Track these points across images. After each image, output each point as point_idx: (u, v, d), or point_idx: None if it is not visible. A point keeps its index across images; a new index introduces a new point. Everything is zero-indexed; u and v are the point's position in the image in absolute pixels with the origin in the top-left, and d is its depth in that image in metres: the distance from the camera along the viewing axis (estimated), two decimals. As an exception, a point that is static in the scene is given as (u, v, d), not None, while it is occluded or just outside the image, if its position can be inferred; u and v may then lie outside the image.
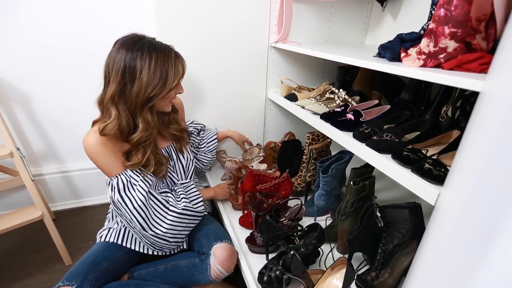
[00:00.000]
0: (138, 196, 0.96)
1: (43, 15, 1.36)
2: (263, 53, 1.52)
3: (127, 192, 0.96)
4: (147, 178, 1.01)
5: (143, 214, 0.96)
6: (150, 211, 0.98)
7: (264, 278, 0.98)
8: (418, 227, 0.93)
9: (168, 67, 0.92)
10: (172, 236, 1.03)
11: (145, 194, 0.97)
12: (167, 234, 1.01)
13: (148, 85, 0.89)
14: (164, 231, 1.00)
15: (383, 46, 0.88)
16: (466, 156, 0.55)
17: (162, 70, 0.90)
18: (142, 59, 0.88)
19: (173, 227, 1.02)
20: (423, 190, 0.69)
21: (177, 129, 1.16)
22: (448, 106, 0.93)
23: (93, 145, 0.92)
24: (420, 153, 0.80)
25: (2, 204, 1.61)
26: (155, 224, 0.99)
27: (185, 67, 0.99)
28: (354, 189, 1.03)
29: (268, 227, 1.04)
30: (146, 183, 0.99)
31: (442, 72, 0.65)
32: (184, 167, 1.19)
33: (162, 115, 1.12)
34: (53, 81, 1.48)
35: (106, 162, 0.95)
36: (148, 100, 0.91)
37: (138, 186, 0.97)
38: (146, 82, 0.88)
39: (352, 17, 1.54)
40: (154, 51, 0.90)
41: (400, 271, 0.96)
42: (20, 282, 1.25)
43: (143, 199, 0.96)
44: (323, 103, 1.21)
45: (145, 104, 0.92)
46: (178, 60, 0.96)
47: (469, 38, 0.65)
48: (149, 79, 0.88)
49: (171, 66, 0.92)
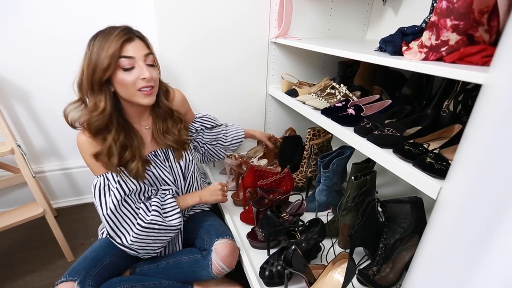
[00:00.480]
0: (109, 203, 0.93)
1: (44, 6, 1.35)
2: (263, 48, 1.51)
3: (102, 196, 0.94)
4: (127, 184, 0.97)
5: (111, 223, 0.94)
6: (120, 220, 0.95)
7: (265, 273, 0.98)
8: (419, 221, 0.93)
9: (104, 44, 0.87)
10: (140, 248, 0.99)
11: (116, 203, 0.94)
12: (133, 246, 0.97)
13: (89, 64, 0.88)
14: (130, 243, 0.96)
15: (384, 40, 0.87)
16: (468, 149, 0.54)
17: (100, 48, 0.87)
18: (90, 41, 0.90)
19: (139, 240, 0.96)
20: (424, 184, 0.69)
21: (174, 140, 1.10)
22: (450, 101, 0.92)
23: (80, 142, 0.95)
24: (421, 148, 0.79)
25: (4, 201, 1.62)
26: (121, 234, 0.96)
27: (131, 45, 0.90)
28: (355, 184, 1.03)
29: (269, 223, 1.04)
30: (121, 191, 0.95)
31: (444, 65, 0.65)
32: (182, 168, 1.14)
33: (159, 122, 1.08)
34: (53, 77, 1.47)
35: (88, 162, 0.96)
36: (93, 80, 0.89)
37: (113, 192, 0.94)
38: (87, 61, 0.89)
39: (353, 11, 1.53)
40: (99, 34, 0.89)
41: (402, 266, 0.96)
42: (23, 278, 1.26)
43: (113, 207, 0.93)
44: (324, 99, 1.21)
45: (93, 85, 0.90)
46: (118, 38, 0.88)
47: (472, 31, 0.65)
48: (90, 58, 0.88)
49: (107, 43, 0.87)
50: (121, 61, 0.89)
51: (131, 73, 0.91)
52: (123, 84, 0.91)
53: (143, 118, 1.07)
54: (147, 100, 0.96)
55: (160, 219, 0.98)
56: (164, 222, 0.99)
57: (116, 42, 0.87)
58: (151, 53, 0.96)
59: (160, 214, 0.99)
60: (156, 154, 1.09)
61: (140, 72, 0.92)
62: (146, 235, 0.97)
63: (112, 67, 0.88)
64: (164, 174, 1.09)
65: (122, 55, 0.89)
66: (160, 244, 1.03)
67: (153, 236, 0.99)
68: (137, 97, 0.94)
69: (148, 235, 0.97)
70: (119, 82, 0.91)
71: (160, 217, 0.99)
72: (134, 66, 0.91)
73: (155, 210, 0.99)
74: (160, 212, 1.00)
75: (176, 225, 1.02)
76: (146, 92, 0.95)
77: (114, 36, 0.88)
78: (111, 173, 0.96)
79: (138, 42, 0.92)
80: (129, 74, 0.91)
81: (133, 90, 0.93)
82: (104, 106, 0.91)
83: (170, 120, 1.11)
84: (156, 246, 1.02)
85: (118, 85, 0.92)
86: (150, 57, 0.96)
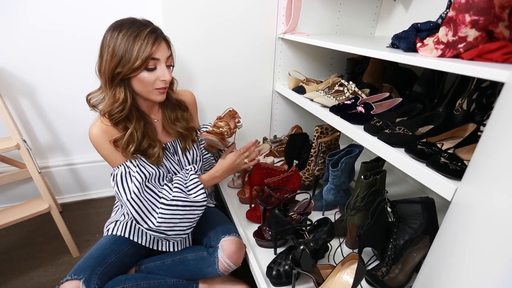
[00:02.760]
0: (132, 188, 0.94)
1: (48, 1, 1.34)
2: (270, 44, 1.49)
3: (124, 183, 0.95)
4: (146, 169, 0.98)
5: (136, 207, 0.94)
6: (144, 203, 0.95)
7: (273, 272, 0.97)
8: (430, 222, 0.91)
9: (135, 41, 0.87)
10: (168, 229, 0.97)
11: (139, 186, 0.94)
12: (161, 228, 0.96)
13: (113, 56, 0.87)
14: (156, 225, 0.95)
15: (397, 36, 0.85)
16: (488, 150, 0.52)
17: (130, 44, 0.87)
18: (111, 32, 0.89)
19: (166, 220, 0.95)
20: (438, 185, 0.67)
21: (184, 127, 1.12)
22: (464, 99, 0.90)
23: (95, 134, 0.94)
24: (435, 147, 0.77)
25: (10, 196, 1.62)
26: (146, 218, 0.95)
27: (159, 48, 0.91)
28: (364, 183, 1.01)
29: (277, 221, 1.03)
30: (142, 175, 0.96)
31: (462, 62, 0.62)
32: (190, 162, 1.15)
33: (169, 111, 1.10)
34: (59, 71, 1.46)
35: (107, 152, 0.95)
36: (115, 75, 0.89)
37: (134, 177, 0.95)
38: (111, 52, 0.87)
39: (362, 7, 1.50)
40: (125, 27, 0.88)
41: (412, 267, 0.94)
42: (28, 273, 1.26)
43: (137, 191, 0.94)
44: (332, 96, 1.19)
45: (113, 79, 0.90)
46: (149, 39, 0.88)
47: (491, 27, 0.62)
48: (114, 50, 0.87)
49: (139, 41, 0.87)
50: (150, 62, 0.90)
51: (153, 73, 0.92)
52: (143, 82, 0.92)
53: (153, 111, 1.09)
54: (160, 97, 0.99)
55: (183, 195, 0.98)
56: (188, 198, 0.99)
57: (150, 44, 0.88)
58: (171, 55, 0.97)
59: (183, 191, 1.00)
60: (166, 147, 1.09)
61: (161, 74, 0.93)
62: (171, 213, 0.96)
63: (142, 68, 0.89)
64: (173, 166, 1.10)
65: (153, 57, 0.90)
66: (188, 223, 1.01)
67: (179, 214, 0.97)
68: (152, 94, 0.96)
69: (173, 213, 0.96)
70: (139, 79, 0.91)
71: (183, 193, 0.99)
72: (156, 67, 0.92)
73: (177, 187, 1.00)
74: (183, 189, 1.00)
75: (200, 200, 1.01)
76: (161, 91, 0.97)
77: (146, 35, 0.88)
78: (130, 161, 0.97)
79: (163, 44, 0.93)
80: (151, 74, 0.92)
81: (151, 88, 0.94)
82: (125, 97, 0.93)
83: (179, 109, 1.13)
84: (184, 225, 1.00)
85: (137, 81, 0.92)
86: (170, 58, 0.97)
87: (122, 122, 0.95)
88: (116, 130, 0.95)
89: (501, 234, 0.47)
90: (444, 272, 0.63)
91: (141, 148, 0.99)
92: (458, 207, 0.61)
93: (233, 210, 1.30)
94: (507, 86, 0.49)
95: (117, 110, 0.92)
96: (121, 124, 0.95)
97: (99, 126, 0.94)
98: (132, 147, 0.95)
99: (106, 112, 0.94)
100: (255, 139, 1.18)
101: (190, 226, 1.02)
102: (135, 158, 0.97)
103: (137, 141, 0.96)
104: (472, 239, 0.55)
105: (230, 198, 1.40)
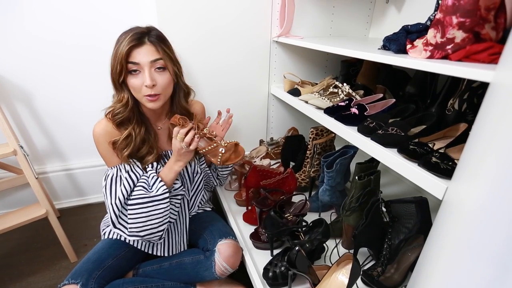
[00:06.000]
0: (118, 194, 0.95)
1: (44, 8, 1.35)
2: (265, 47, 1.50)
3: (113, 186, 0.96)
4: (136, 174, 0.98)
5: (117, 212, 0.95)
6: (124, 212, 0.97)
7: (269, 274, 0.98)
8: (424, 222, 0.92)
9: (118, 47, 0.89)
10: (140, 229, 0.95)
11: (125, 194, 0.95)
12: (133, 230, 0.95)
13: (110, 63, 0.92)
14: (129, 229, 0.96)
15: (388, 38, 0.86)
16: (475, 149, 0.53)
17: (115, 51, 0.90)
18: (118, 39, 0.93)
19: (134, 221, 0.94)
20: (430, 184, 0.68)
21: None
22: (455, 99, 0.91)
23: (97, 133, 0.96)
24: (426, 147, 0.78)
25: (7, 202, 1.62)
26: (123, 221, 0.98)
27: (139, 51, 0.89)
28: (359, 184, 1.02)
29: (273, 223, 1.03)
30: (130, 181, 0.96)
31: (450, 63, 0.64)
32: (189, 173, 1.14)
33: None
34: (55, 78, 1.47)
35: (104, 152, 0.97)
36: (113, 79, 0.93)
37: (123, 183, 0.96)
38: (111, 60, 0.92)
39: (355, 10, 1.52)
40: (123, 32, 0.92)
41: (407, 266, 0.95)
42: (26, 279, 1.26)
43: (122, 198, 0.94)
44: (327, 98, 1.20)
45: (115, 82, 0.94)
46: (128, 42, 0.87)
47: (478, 28, 0.63)
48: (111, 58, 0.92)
49: (120, 47, 0.89)
50: (129, 66, 0.91)
51: (139, 78, 0.92)
52: (132, 87, 0.93)
53: (160, 119, 1.08)
54: (151, 105, 0.95)
55: (143, 191, 0.96)
56: (148, 194, 0.96)
57: (125, 47, 0.88)
58: (160, 59, 0.92)
59: (145, 188, 0.97)
60: (167, 155, 1.10)
61: (144, 79, 0.91)
62: (136, 212, 0.94)
63: (123, 71, 0.90)
64: None
65: (129, 60, 0.90)
66: (156, 220, 0.97)
67: (143, 212, 0.95)
68: (143, 101, 0.96)
69: (138, 212, 0.94)
70: (129, 84, 0.93)
71: (144, 190, 0.96)
72: (140, 71, 0.91)
73: (140, 186, 0.97)
74: (145, 186, 0.98)
75: (161, 193, 0.97)
76: (149, 98, 0.93)
77: (125, 40, 0.88)
78: (123, 164, 0.98)
79: (147, 47, 0.90)
80: (136, 79, 0.92)
81: (139, 95, 0.94)
82: (127, 100, 0.95)
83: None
84: (154, 223, 0.97)
85: (130, 87, 0.94)
86: (159, 62, 0.92)
87: (123, 124, 0.97)
88: (118, 132, 0.96)
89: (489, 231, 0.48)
90: (436, 270, 0.64)
91: (139, 154, 1.00)
92: (449, 206, 0.62)
93: (230, 213, 1.31)
94: (492, 86, 0.50)
95: (118, 110, 0.95)
96: (123, 127, 0.97)
97: (104, 125, 0.96)
98: (127, 150, 0.95)
99: (109, 112, 0.96)
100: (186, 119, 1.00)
101: (160, 222, 0.98)
102: (129, 163, 0.98)
103: (135, 146, 0.97)
104: (462, 237, 0.55)
105: (227, 201, 1.41)
